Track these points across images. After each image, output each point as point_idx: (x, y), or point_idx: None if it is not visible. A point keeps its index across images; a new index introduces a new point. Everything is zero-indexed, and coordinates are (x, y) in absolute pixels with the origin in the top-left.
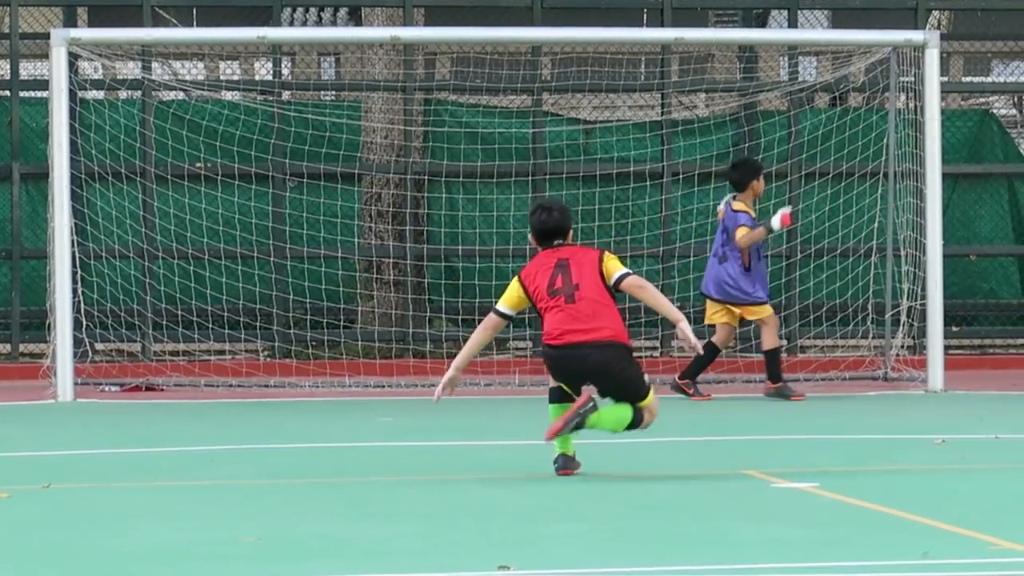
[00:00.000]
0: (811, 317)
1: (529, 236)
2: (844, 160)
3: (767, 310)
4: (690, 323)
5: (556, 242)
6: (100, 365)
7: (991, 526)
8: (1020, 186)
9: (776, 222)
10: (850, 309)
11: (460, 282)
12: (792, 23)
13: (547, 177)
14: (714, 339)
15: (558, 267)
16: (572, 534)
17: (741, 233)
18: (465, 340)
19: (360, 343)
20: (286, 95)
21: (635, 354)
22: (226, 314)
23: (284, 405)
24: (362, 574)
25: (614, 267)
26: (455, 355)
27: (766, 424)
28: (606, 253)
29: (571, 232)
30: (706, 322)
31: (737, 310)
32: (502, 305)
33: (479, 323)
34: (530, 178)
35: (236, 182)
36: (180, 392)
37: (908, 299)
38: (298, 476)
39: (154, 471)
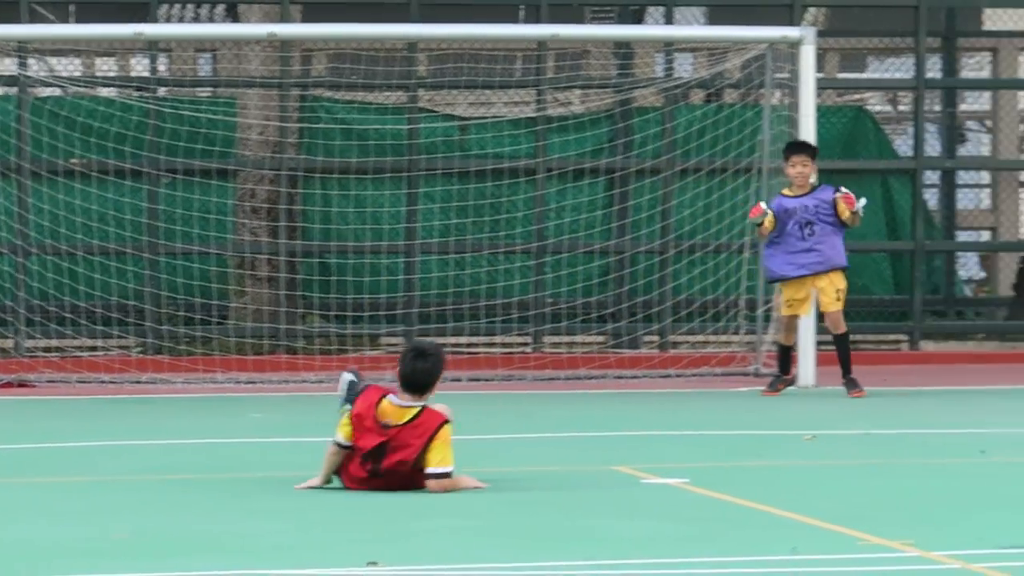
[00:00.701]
0: (683, 313)
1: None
2: (718, 156)
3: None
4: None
5: (413, 401)
6: None
7: (860, 521)
8: (894, 182)
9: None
10: (722, 305)
11: (334, 278)
12: (668, 19)
13: (422, 173)
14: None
15: (381, 447)
16: (442, 529)
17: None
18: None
19: (233, 339)
20: (162, 91)
21: (507, 351)
22: (99, 310)
23: (157, 401)
24: (233, 570)
25: (437, 459)
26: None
27: (637, 420)
28: (437, 440)
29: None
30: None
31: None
32: (340, 436)
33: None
34: (406, 174)
35: (111, 178)
36: (53, 389)
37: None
38: (170, 472)
39: (27, 468)
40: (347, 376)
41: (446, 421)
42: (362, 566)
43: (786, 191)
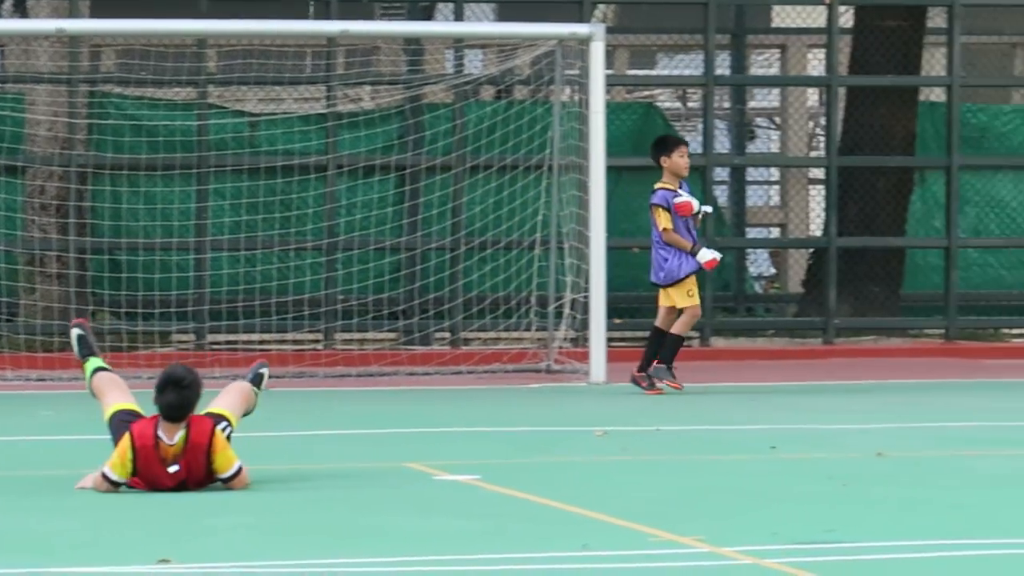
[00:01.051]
0: (475, 310)
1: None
2: (509, 153)
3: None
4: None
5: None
6: None
7: (651, 517)
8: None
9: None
10: (513, 301)
11: (124, 275)
12: (458, 16)
13: (212, 170)
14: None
15: (182, 484)
16: (236, 527)
17: (661, 217)
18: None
19: (22, 337)
20: None
21: (298, 348)
22: None
23: None
24: (24, 568)
25: (224, 464)
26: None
27: (428, 417)
28: (216, 449)
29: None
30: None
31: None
32: (113, 474)
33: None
34: (195, 171)
35: None
36: None
37: (571, 291)
38: None
39: None
40: (75, 332)
41: (214, 425)
42: (153, 563)
43: (667, 185)
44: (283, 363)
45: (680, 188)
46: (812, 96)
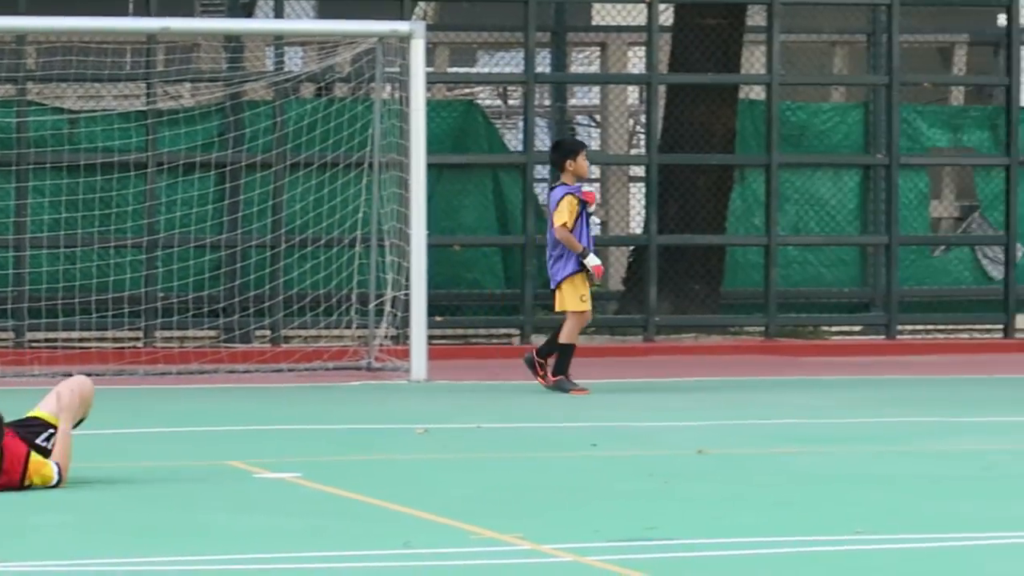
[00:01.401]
0: (295, 307)
1: None
2: (330, 150)
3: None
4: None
5: None
6: None
7: (473, 515)
8: (504, 177)
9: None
10: (334, 299)
11: None
12: (278, 13)
13: (31, 167)
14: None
15: None
16: (55, 525)
17: (564, 211)
18: None
19: None
20: None
21: (118, 346)
22: None
23: None
24: None
25: (41, 480)
26: None
27: (249, 414)
28: (31, 473)
29: None
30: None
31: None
32: None
33: None
34: (14, 168)
35: None
36: None
37: (392, 289)
38: None
39: None
40: None
41: (29, 451)
42: None
43: (566, 181)
44: (103, 361)
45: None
46: (632, 94)
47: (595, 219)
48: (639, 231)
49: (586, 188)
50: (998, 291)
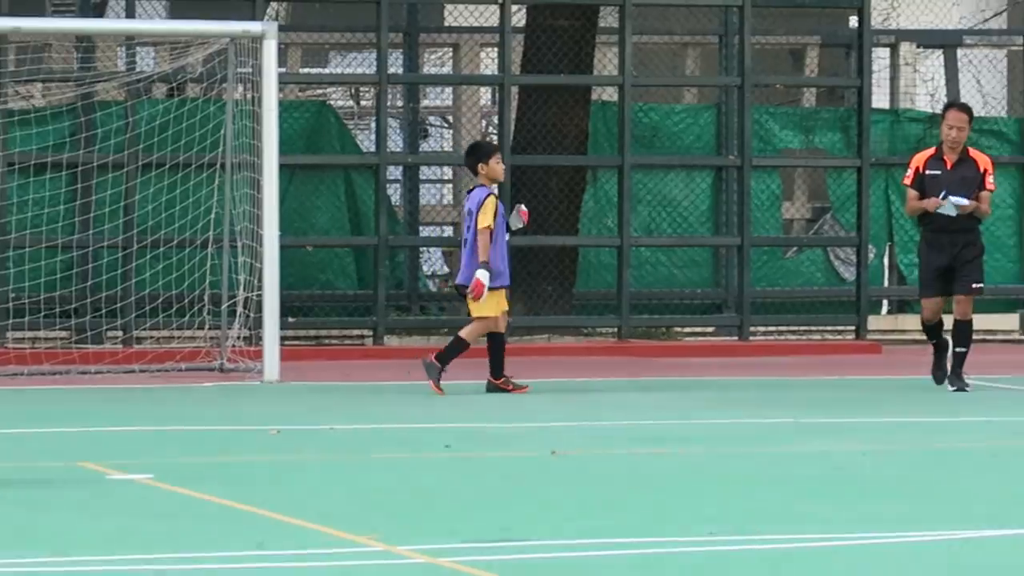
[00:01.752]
0: (147, 308)
1: None
2: (182, 151)
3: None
4: None
5: None
6: None
7: (326, 517)
8: (356, 177)
9: (515, 221)
10: (187, 300)
11: None
12: (130, 13)
13: None
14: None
15: None
16: None
17: (487, 213)
18: None
19: None
20: None
21: None
22: None
23: None
24: None
25: None
26: None
27: (101, 415)
28: None
29: None
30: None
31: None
32: None
33: None
34: None
35: None
36: None
37: (245, 290)
38: None
39: None
40: None
41: None
42: None
43: (483, 183)
44: None
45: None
46: (485, 95)
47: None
48: None
49: (523, 207)
50: (850, 292)
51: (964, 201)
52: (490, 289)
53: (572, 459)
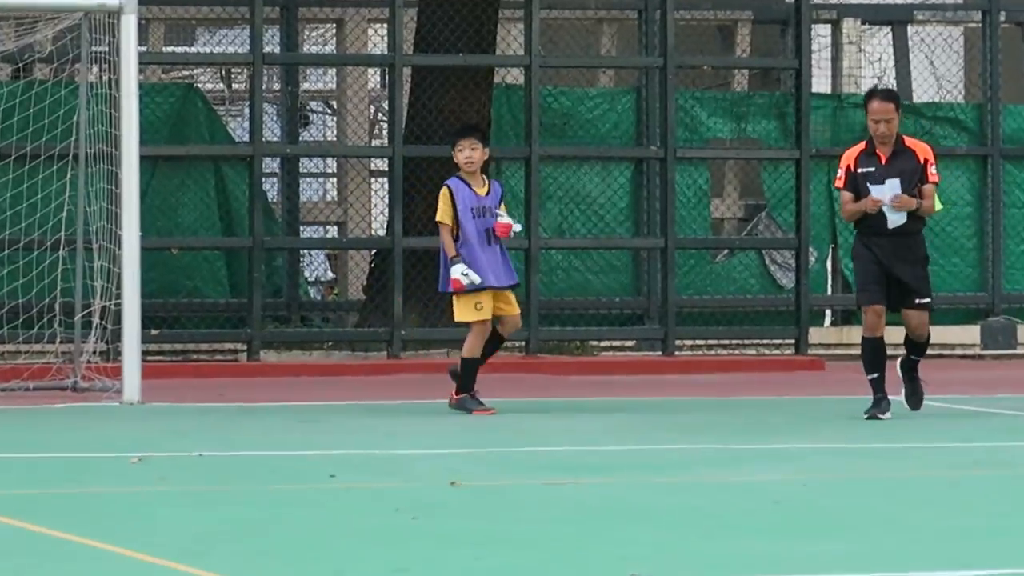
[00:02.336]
0: None
1: None
2: (29, 140)
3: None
4: None
5: None
6: None
7: (196, 556)
8: (228, 170)
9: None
10: (35, 310)
11: None
12: None
13: None
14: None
15: None
16: None
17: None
18: None
19: None
20: None
21: None
22: None
23: None
24: None
25: None
26: None
27: None
28: None
29: None
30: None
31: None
32: None
33: None
34: None
35: None
36: None
37: (102, 298)
38: None
39: None
40: None
41: None
42: None
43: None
44: None
45: (485, 191)
46: (373, 77)
47: (516, 227)
48: (382, 232)
49: (502, 219)
50: (789, 301)
51: (894, 188)
52: (467, 292)
53: (474, 490)
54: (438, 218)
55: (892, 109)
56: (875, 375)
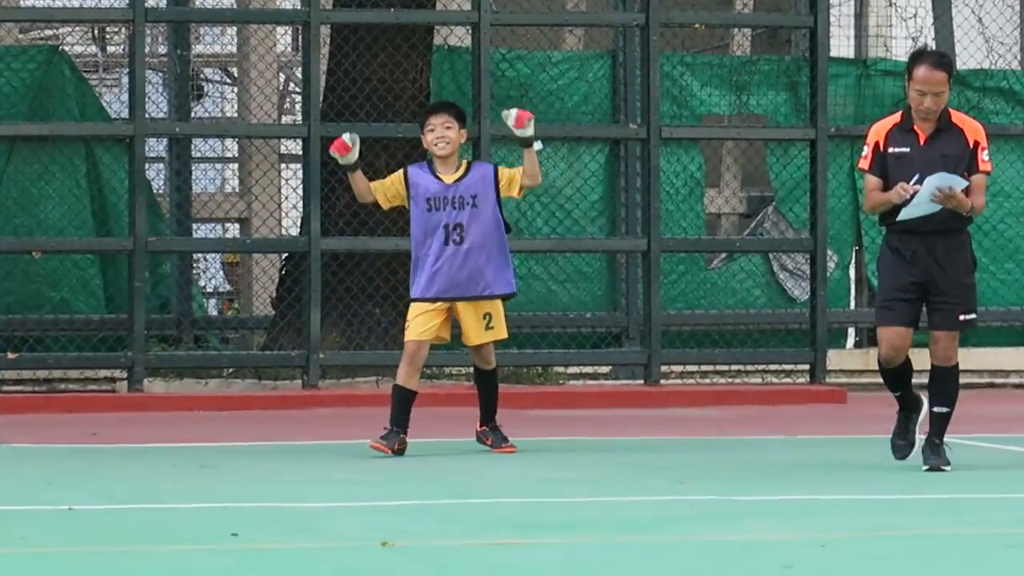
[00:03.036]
0: None
1: None
2: None
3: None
4: None
5: None
6: None
7: None
8: (103, 154)
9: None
10: None
11: None
12: None
13: None
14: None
15: None
16: None
17: None
18: None
19: None
20: None
21: None
22: None
23: None
24: None
25: None
26: None
27: None
28: None
29: None
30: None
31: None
32: None
33: None
34: None
35: None
36: None
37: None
38: None
39: None
40: None
41: None
42: None
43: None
44: None
45: (455, 177)
46: (284, 38)
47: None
48: (295, 231)
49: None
50: (802, 317)
51: (956, 181)
52: (414, 300)
53: (408, 551)
54: (373, 185)
55: (944, 80)
56: (899, 392)
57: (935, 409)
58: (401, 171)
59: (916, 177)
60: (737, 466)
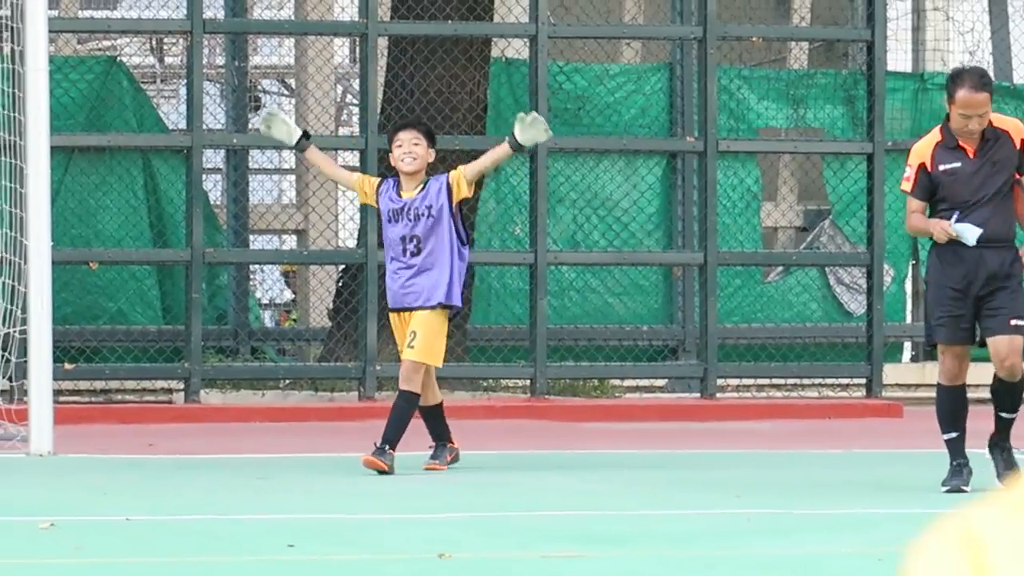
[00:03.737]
0: None
1: None
2: None
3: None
4: None
5: None
6: None
7: None
8: (160, 164)
9: None
10: None
11: None
12: None
13: None
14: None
15: None
16: None
17: None
18: None
19: None
20: None
21: None
22: None
23: None
24: None
25: None
26: None
27: None
28: None
29: None
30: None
31: None
32: None
33: None
34: None
35: None
36: None
37: (4, 324)
38: None
39: None
40: None
41: None
42: None
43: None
44: None
45: (413, 193)
46: (341, 50)
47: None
48: (352, 243)
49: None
50: (859, 331)
51: (972, 233)
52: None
53: (467, 563)
54: (358, 176)
55: (986, 100)
56: (953, 435)
57: (1001, 414)
58: (378, 180)
59: (954, 216)
60: (793, 480)
